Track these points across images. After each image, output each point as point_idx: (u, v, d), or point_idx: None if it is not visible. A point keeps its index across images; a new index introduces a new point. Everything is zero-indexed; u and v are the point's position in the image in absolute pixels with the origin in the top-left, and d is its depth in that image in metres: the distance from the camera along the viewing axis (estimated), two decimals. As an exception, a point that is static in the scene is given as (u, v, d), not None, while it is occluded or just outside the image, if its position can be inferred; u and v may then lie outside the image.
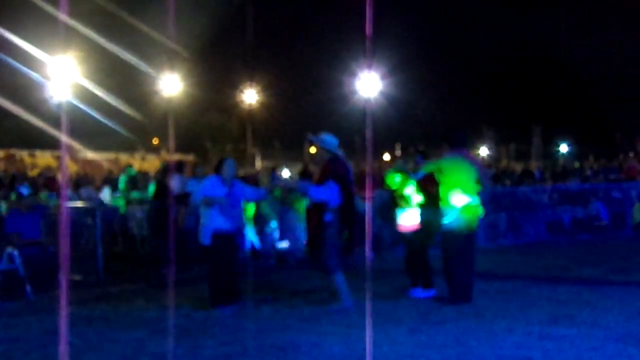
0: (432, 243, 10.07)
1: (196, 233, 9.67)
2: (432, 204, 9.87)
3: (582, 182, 20.30)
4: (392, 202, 10.14)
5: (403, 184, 9.88)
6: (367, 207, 12.60)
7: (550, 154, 60.76)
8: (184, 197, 12.03)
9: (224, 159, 9.42)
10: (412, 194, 9.83)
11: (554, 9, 54.56)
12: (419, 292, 9.75)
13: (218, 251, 9.10)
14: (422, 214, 9.89)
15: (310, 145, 9.98)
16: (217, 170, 9.28)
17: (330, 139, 9.24)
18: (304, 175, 14.22)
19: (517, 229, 16.92)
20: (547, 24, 54.39)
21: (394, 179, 9.95)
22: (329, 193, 8.91)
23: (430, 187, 9.88)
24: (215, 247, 9.10)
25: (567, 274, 11.60)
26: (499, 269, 11.87)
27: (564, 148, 63.11)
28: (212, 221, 9.08)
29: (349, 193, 9.04)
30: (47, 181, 17.97)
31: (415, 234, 9.84)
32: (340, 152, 9.30)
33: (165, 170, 13.18)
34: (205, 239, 9.15)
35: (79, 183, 17.57)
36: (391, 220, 10.63)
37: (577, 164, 36.94)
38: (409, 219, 9.83)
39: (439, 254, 9.62)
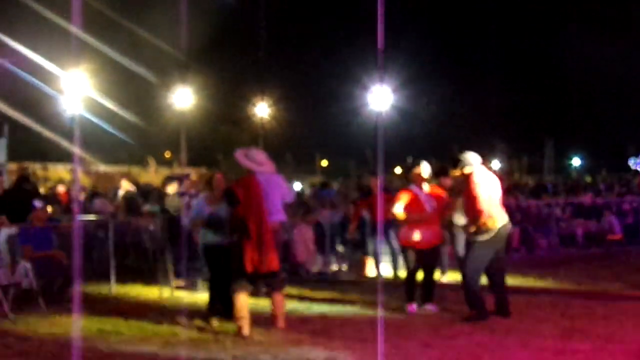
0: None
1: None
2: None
3: (595, 196, 20.23)
4: None
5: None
6: (379, 221, 12.58)
7: (562, 168, 60.61)
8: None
9: (213, 176, 9.68)
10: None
11: (566, 22, 54.53)
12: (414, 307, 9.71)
13: (211, 265, 9.31)
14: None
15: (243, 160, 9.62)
16: (209, 186, 9.56)
17: (254, 155, 9.09)
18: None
19: (530, 242, 16.88)
20: (559, 37, 54.33)
21: None
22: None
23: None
24: (208, 260, 9.36)
25: (581, 288, 11.55)
26: (512, 283, 11.81)
27: (576, 162, 62.97)
28: (203, 236, 9.37)
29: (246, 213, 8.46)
30: (59, 195, 17.95)
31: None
32: (261, 169, 9.10)
33: (166, 183, 13.32)
34: (202, 253, 9.50)
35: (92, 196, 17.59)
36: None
37: (589, 178, 36.83)
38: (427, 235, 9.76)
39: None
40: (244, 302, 8.37)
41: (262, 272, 8.43)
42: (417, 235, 9.68)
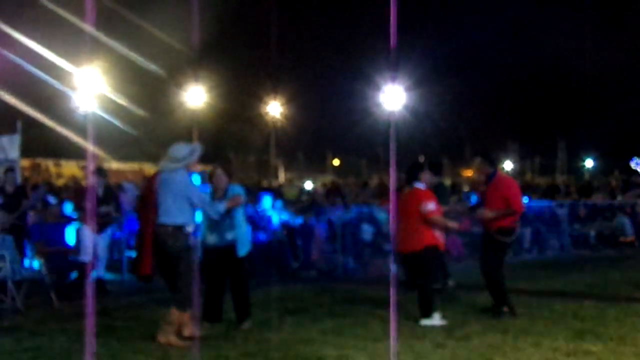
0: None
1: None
2: None
3: (609, 198, 20.14)
4: None
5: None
6: (391, 219, 12.55)
7: (575, 169, 60.43)
8: None
9: (214, 171, 9.05)
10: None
11: (580, 22, 54.32)
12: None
13: (207, 266, 8.81)
14: None
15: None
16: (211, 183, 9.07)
17: (169, 151, 8.21)
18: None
19: (542, 243, 16.83)
20: (573, 37, 54.13)
21: None
22: None
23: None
24: (205, 262, 8.83)
25: (593, 289, 11.50)
26: (524, 284, 11.77)
27: (589, 163, 62.75)
28: (202, 237, 8.90)
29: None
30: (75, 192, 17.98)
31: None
32: (172, 164, 8.11)
33: None
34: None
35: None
36: None
37: (601, 179, 36.66)
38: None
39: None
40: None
41: (140, 274, 8.05)
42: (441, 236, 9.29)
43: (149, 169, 42.00)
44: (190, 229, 8.06)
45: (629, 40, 48.44)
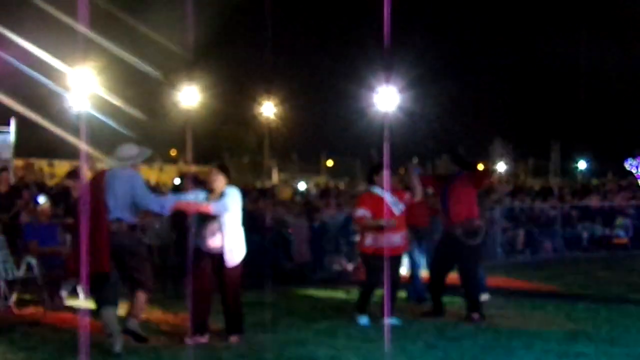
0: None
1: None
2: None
3: (602, 199, 20.17)
4: None
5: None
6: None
7: (568, 171, 60.50)
8: None
9: (211, 171, 8.59)
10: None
11: (574, 24, 54.44)
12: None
13: (194, 272, 8.26)
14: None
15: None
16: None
17: (118, 151, 8.06)
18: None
19: (535, 245, 16.86)
20: (567, 39, 54.26)
21: None
22: None
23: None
24: (194, 267, 8.26)
25: (586, 291, 11.54)
26: (517, 286, 11.80)
27: (582, 165, 62.86)
28: (194, 239, 8.35)
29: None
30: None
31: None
32: (118, 162, 7.96)
33: (182, 181, 13.28)
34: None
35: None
36: None
37: (595, 181, 36.77)
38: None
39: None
40: (111, 316, 7.70)
41: (91, 272, 7.78)
42: (385, 241, 8.90)
43: (144, 169, 41.94)
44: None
45: (624, 41, 48.56)
